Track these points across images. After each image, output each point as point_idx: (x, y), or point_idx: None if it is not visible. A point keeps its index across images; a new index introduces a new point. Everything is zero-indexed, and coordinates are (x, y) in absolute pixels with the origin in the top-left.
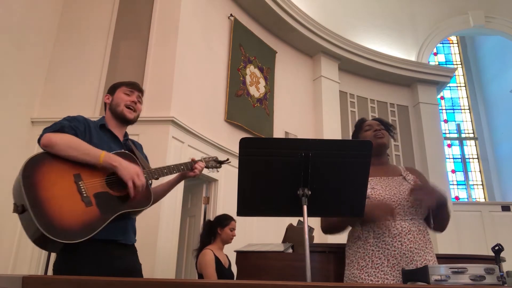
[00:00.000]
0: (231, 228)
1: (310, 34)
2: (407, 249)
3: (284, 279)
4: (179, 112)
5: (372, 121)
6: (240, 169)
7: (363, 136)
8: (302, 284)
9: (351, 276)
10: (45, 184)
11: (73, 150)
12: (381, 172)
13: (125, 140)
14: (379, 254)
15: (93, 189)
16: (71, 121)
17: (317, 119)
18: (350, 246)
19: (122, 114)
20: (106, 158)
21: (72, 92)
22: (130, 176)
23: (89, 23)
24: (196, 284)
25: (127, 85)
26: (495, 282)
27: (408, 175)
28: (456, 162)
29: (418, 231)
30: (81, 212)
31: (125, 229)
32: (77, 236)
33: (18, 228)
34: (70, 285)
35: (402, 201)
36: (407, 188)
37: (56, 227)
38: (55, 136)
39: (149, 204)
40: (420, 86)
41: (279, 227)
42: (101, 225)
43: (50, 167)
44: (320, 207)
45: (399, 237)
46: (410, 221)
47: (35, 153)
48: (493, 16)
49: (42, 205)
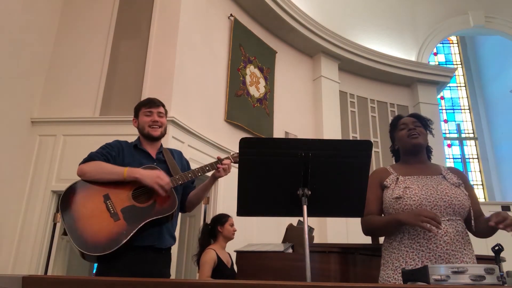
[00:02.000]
0: (230, 224)
1: (310, 34)
2: (442, 251)
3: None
4: (179, 112)
5: (407, 119)
6: (240, 169)
7: (398, 135)
8: (302, 284)
9: (385, 276)
10: (79, 208)
11: (100, 174)
12: (418, 170)
13: (158, 154)
14: (413, 256)
15: (120, 205)
16: (104, 149)
17: (317, 119)
18: (386, 247)
19: (149, 134)
20: (129, 172)
21: (72, 92)
22: (153, 181)
23: (89, 23)
24: (196, 284)
25: (144, 106)
26: (495, 282)
27: (448, 174)
28: (456, 162)
29: (455, 232)
30: (110, 227)
31: (160, 234)
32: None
33: (18, 228)
34: (70, 285)
35: (439, 201)
36: (445, 187)
37: (88, 244)
38: (85, 166)
39: (174, 209)
40: (420, 86)
41: (279, 227)
42: (128, 235)
43: (83, 192)
44: (320, 207)
45: (434, 239)
46: (447, 222)
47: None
48: (493, 16)
49: (77, 227)
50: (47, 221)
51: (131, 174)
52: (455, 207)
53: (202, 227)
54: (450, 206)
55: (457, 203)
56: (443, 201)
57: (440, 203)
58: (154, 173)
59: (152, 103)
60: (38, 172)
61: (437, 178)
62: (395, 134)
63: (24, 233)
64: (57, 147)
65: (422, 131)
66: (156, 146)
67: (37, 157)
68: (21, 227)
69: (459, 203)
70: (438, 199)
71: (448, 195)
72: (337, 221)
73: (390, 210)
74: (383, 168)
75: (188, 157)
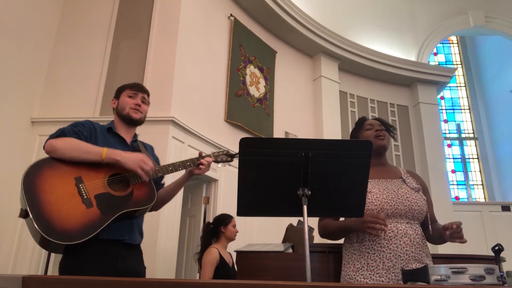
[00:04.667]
0: (233, 225)
1: (310, 34)
2: (402, 252)
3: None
4: (179, 112)
5: (373, 121)
6: (240, 169)
7: (363, 135)
8: (302, 284)
9: (347, 277)
10: (46, 188)
11: (74, 151)
12: (379, 174)
13: (133, 142)
14: (374, 257)
15: (94, 191)
16: (75, 126)
17: (317, 119)
18: (347, 247)
19: (128, 115)
20: (108, 153)
21: (72, 92)
22: (136, 164)
23: (89, 23)
24: (196, 284)
25: (130, 88)
26: (495, 282)
27: (408, 178)
28: (456, 162)
29: (415, 234)
30: (82, 214)
31: (130, 229)
32: (76, 237)
33: (18, 228)
34: (70, 285)
35: (399, 205)
36: (406, 191)
37: (55, 229)
38: (56, 141)
39: (152, 203)
40: (420, 86)
41: (279, 227)
42: (101, 226)
43: (52, 172)
44: (320, 207)
45: (394, 240)
46: (407, 225)
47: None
48: (493, 16)
49: (42, 208)
50: None
51: (110, 156)
52: (414, 212)
53: (205, 227)
54: (410, 210)
55: (416, 208)
56: (404, 205)
57: (400, 207)
58: (138, 156)
59: (139, 87)
60: None
61: (397, 182)
62: (360, 133)
63: (24, 233)
64: None
65: (387, 134)
66: (131, 133)
67: (37, 157)
68: (21, 227)
69: (418, 208)
70: (398, 203)
71: (408, 199)
72: None
73: None
74: None
75: (188, 157)
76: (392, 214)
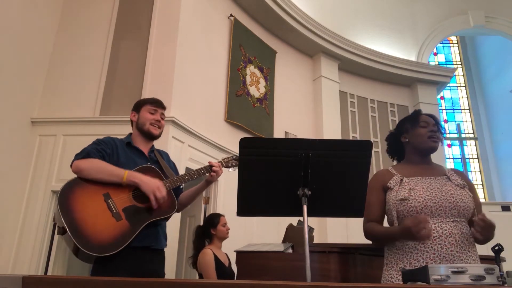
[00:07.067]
0: (223, 224)
1: (310, 34)
2: (447, 253)
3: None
4: (179, 112)
5: (429, 119)
6: (240, 169)
7: (418, 131)
8: (302, 284)
9: (389, 277)
10: (79, 206)
11: (99, 174)
12: (423, 171)
13: (150, 153)
14: (417, 257)
15: (122, 204)
16: (98, 145)
17: (317, 119)
18: (390, 247)
19: (149, 131)
20: (129, 176)
21: (72, 92)
22: (151, 190)
23: (89, 23)
24: (196, 284)
25: (151, 103)
26: (495, 282)
27: (452, 175)
28: (456, 162)
29: (460, 234)
30: (113, 227)
31: (156, 235)
32: (111, 249)
33: (18, 228)
34: (70, 285)
35: (444, 202)
36: (450, 188)
37: (92, 243)
38: (83, 163)
39: (174, 211)
40: (420, 86)
41: (279, 227)
42: (132, 236)
43: (82, 190)
44: (320, 207)
45: (439, 240)
46: (452, 223)
47: (68, 179)
48: (493, 16)
49: (78, 226)
50: (47, 221)
51: (130, 178)
52: (460, 208)
53: (196, 229)
54: (455, 207)
55: (462, 205)
56: (448, 202)
57: (445, 204)
58: (155, 183)
59: (159, 104)
60: (38, 172)
61: (442, 179)
62: (413, 128)
63: (24, 233)
64: (57, 147)
65: (440, 137)
66: (149, 145)
67: (37, 157)
68: (21, 227)
69: (464, 204)
70: (443, 200)
71: (453, 196)
72: (337, 221)
73: (393, 212)
74: (385, 170)
75: (188, 157)
76: (436, 212)
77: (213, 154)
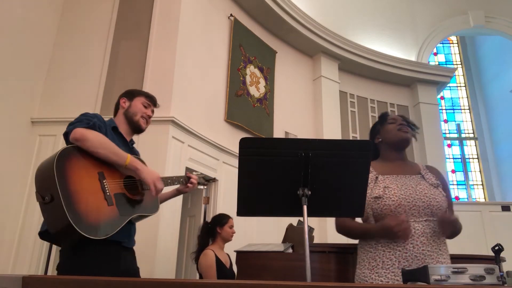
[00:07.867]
0: (230, 225)
1: (310, 34)
2: (419, 252)
3: (284, 279)
4: (179, 112)
5: (396, 116)
6: (240, 169)
7: (386, 128)
8: (302, 284)
9: (362, 275)
10: (75, 178)
11: (103, 149)
12: (398, 169)
13: (131, 143)
14: (390, 256)
15: (114, 189)
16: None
17: (317, 119)
18: (362, 246)
19: (138, 123)
20: (131, 161)
21: (72, 92)
22: (152, 180)
23: (89, 23)
24: (196, 284)
25: (147, 97)
26: (495, 282)
27: (427, 174)
28: (456, 162)
29: (432, 233)
30: (104, 210)
31: (129, 233)
32: (100, 232)
33: (18, 228)
34: (70, 285)
35: (417, 202)
36: (424, 187)
37: (83, 221)
38: (89, 132)
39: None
40: (420, 86)
41: (279, 227)
42: (119, 226)
43: (78, 162)
44: (320, 207)
45: (411, 240)
46: (424, 223)
47: (65, 146)
48: (493, 16)
49: (72, 197)
50: None
51: (132, 163)
52: (433, 208)
53: (202, 226)
54: (428, 207)
55: (435, 204)
56: (422, 201)
57: (418, 204)
58: (155, 174)
59: (154, 101)
60: None
61: (416, 177)
62: (383, 127)
63: (24, 233)
64: (57, 147)
65: (409, 130)
66: (130, 136)
67: (37, 157)
68: (21, 227)
69: (437, 204)
70: (416, 199)
71: (426, 195)
72: None
73: (368, 209)
74: None
75: (188, 157)
76: (410, 211)
77: (213, 154)
